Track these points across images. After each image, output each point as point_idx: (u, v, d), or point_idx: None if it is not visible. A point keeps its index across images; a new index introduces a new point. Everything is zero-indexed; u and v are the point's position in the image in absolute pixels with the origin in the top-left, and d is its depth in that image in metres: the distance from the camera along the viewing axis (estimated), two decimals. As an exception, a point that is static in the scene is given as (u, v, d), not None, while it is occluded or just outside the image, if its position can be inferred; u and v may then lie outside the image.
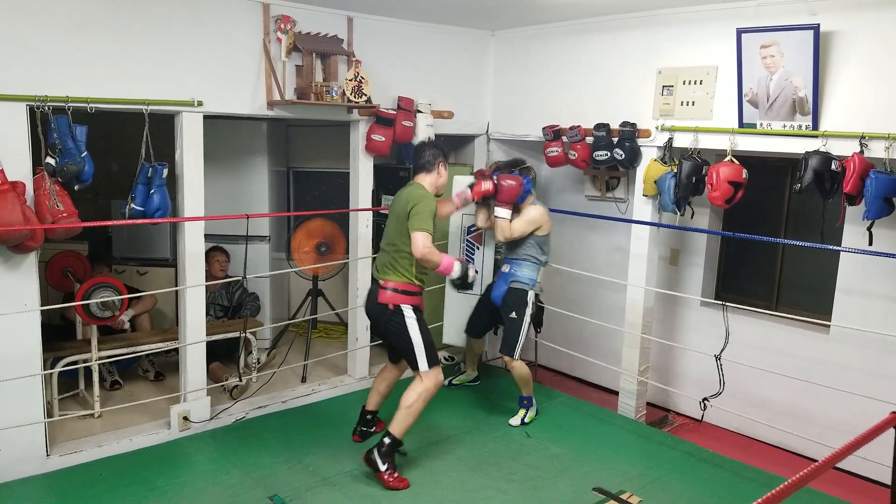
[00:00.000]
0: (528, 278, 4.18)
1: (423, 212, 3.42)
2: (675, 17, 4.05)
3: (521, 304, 4.14)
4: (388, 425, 3.52)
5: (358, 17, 4.42)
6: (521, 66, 5.04)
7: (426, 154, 3.65)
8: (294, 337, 5.35)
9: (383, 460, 3.44)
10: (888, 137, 3.23)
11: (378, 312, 3.56)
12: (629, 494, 3.42)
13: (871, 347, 3.77)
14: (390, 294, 3.50)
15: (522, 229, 4.15)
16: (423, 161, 3.65)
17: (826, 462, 1.04)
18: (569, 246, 5.31)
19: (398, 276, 3.51)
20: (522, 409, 4.27)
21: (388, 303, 3.50)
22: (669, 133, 4.11)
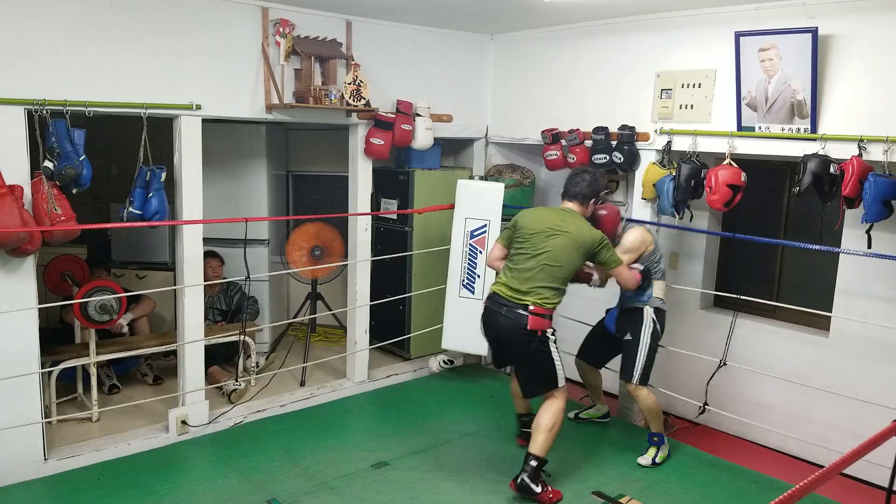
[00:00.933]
0: (638, 296, 3.77)
1: (609, 244, 3.41)
2: (674, 20, 4.06)
3: (638, 323, 3.76)
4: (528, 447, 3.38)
5: (356, 21, 4.42)
6: (520, 69, 5.05)
7: (587, 186, 3.49)
8: (293, 340, 5.34)
9: (535, 482, 3.30)
10: (887, 140, 3.24)
11: (524, 339, 3.29)
12: (628, 498, 3.41)
13: (870, 350, 3.76)
14: (539, 320, 3.29)
15: (630, 261, 3.70)
16: (581, 191, 3.50)
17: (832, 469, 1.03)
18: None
19: (544, 300, 3.31)
20: (653, 448, 3.79)
21: (538, 329, 3.29)
22: (668, 136, 4.11)
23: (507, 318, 3.32)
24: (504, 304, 3.34)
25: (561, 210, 3.52)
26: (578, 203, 3.49)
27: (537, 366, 3.36)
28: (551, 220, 3.41)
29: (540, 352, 3.31)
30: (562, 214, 3.46)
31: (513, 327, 3.31)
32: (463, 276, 4.74)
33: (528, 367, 3.40)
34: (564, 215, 3.45)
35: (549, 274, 3.31)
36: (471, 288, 4.70)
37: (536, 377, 3.41)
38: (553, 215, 3.47)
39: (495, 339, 3.45)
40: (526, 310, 3.28)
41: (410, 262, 5.07)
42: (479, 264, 4.69)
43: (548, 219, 3.43)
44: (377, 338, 5.02)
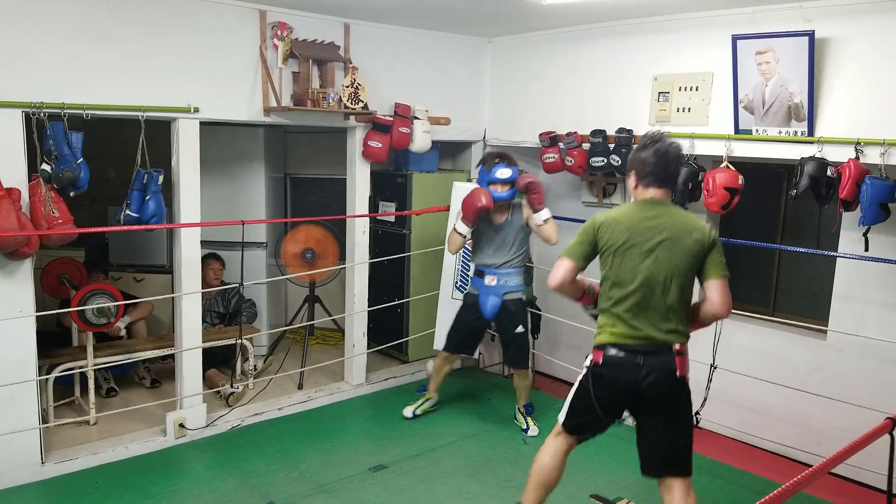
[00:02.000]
0: (518, 286, 4.07)
1: (723, 251, 2.53)
2: (671, 23, 4.07)
3: (524, 314, 4.06)
4: None
5: (354, 24, 4.43)
6: (517, 72, 5.05)
7: (678, 164, 2.61)
8: (291, 343, 5.34)
9: None
10: (884, 143, 3.24)
11: (676, 390, 2.50)
12: (626, 501, 3.41)
13: (868, 354, 3.76)
14: (687, 361, 2.51)
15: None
16: (673, 172, 2.61)
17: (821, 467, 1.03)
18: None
19: (682, 333, 2.53)
20: (530, 417, 4.27)
21: (686, 373, 2.52)
22: (666, 139, 4.11)
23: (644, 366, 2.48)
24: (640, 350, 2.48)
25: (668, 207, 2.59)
26: (669, 191, 2.61)
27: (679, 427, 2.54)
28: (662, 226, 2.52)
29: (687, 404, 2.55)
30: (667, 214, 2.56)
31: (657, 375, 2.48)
32: (456, 277, 4.74)
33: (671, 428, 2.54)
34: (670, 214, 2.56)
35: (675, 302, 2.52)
36: (463, 289, 4.70)
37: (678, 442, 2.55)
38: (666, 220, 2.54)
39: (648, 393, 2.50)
40: (673, 350, 2.49)
41: (408, 264, 5.07)
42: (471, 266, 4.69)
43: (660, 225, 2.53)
44: (375, 340, 5.02)
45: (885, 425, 1.29)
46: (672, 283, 2.47)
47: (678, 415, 2.53)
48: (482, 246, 4.05)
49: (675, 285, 2.47)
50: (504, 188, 3.97)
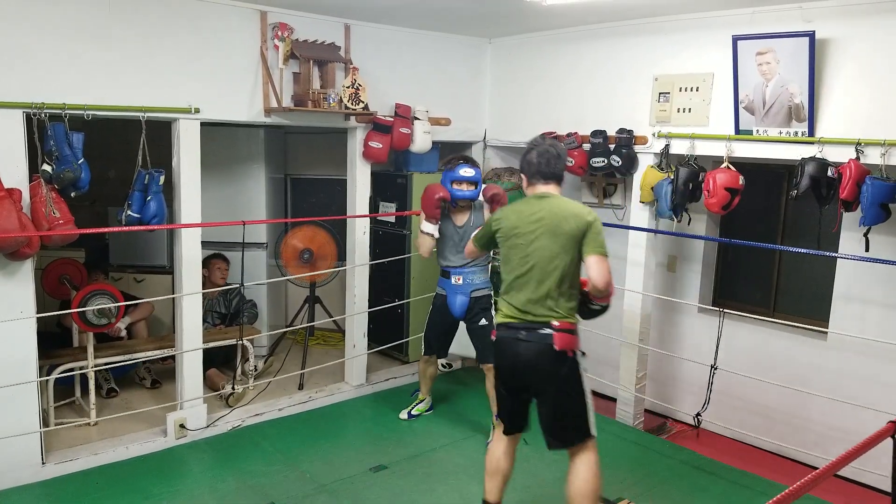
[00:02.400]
0: (484, 282, 4.06)
1: (601, 230, 2.70)
2: (671, 24, 4.07)
3: (488, 308, 4.02)
4: None
5: (355, 25, 4.43)
6: (518, 73, 5.06)
7: (559, 162, 2.83)
8: (291, 344, 5.33)
9: None
10: (884, 144, 3.24)
11: (553, 364, 2.69)
12: (627, 502, 3.41)
13: (868, 354, 3.76)
14: (568, 337, 2.69)
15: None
16: (556, 170, 2.82)
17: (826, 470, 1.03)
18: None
19: (567, 313, 2.74)
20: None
21: (568, 349, 2.69)
22: (666, 140, 4.12)
23: (524, 342, 2.73)
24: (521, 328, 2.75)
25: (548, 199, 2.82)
26: (557, 184, 2.86)
27: (563, 398, 2.74)
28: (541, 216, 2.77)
29: (573, 377, 2.73)
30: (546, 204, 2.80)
31: (534, 351, 2.71)
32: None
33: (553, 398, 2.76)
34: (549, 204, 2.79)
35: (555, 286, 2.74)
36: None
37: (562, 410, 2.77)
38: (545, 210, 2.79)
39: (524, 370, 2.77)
40: (552, 327, 2.70)
41: (409, 265, 5.07)
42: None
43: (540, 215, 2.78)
44: (375, 341, 5.01)
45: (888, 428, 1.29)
46: (554, 267, 2.71)
47: (561, 388, 2.73)
48: (447, 247, 4.04)
49: (557, 268, 2.71)
50: (468, 187, 3.95)
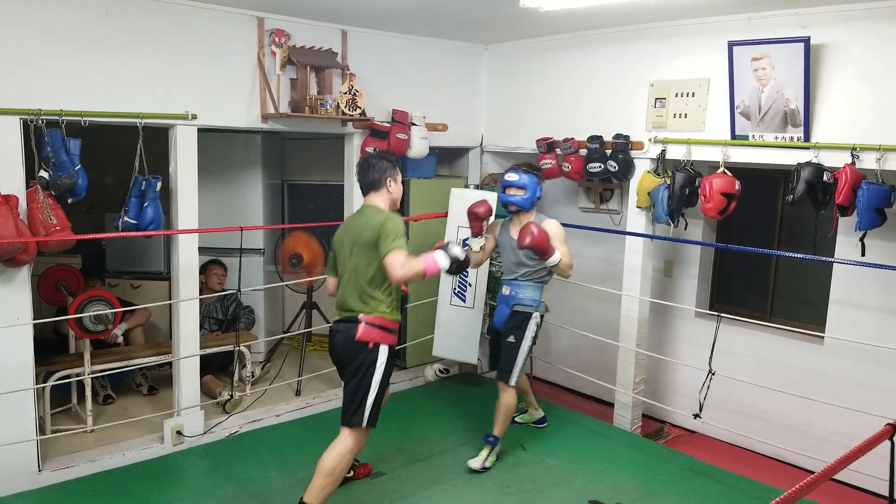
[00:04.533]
0: (531, 300, 3.79)
1: (392, 229, 2.96)
2: (667, 30, 4.09)
3: (522, 327, 3.76)
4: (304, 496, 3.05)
5: (352, 31, 4.44)
6: (514, 78, 5.07)
7: (371, 171, 3.16)
8: (288, 350, 5.32)
9: None
10: (879, 149, 3.26)
11: (355, 351, 3.06)
12: (625, 507, 3.41)
13: (865, 359, 3.77)
14: (368, 330, 3.05)
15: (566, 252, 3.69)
16: (368, 179, 3.17)
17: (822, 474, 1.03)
18: (563, 257, 5.32)
19: (373, 307, 3.08)
20: (486, 449, 3.80)
21: (370, 341, 3.05)
22: (662, 145, 4.13)
23: (339, 332, 3.13)
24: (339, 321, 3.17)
25: (354, 217, 3.26)
26: (375, 191, 3.17)
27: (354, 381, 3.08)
28: (342, 234, 3.21)
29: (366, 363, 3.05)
30: (349, 223, 3.25)
31: (343, 339, 3.11)
32: (455, 284, 4.75)
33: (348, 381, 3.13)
34: (351, 222, 3.23)
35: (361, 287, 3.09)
36: (462, 296, 4.71)
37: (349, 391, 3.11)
38: (345, 228, 3.24)
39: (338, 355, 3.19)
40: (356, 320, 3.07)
41: (406, 270, 5.06)
42: (470, 273, 4.70)
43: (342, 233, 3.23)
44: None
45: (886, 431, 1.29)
46: (362, 269, 3.07)
47: (356, 372, 3.07)
48: (504, 258, 3.95)
49: (364, 270, 3.07)
50: (515, 192, 3.75)
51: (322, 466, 3.05)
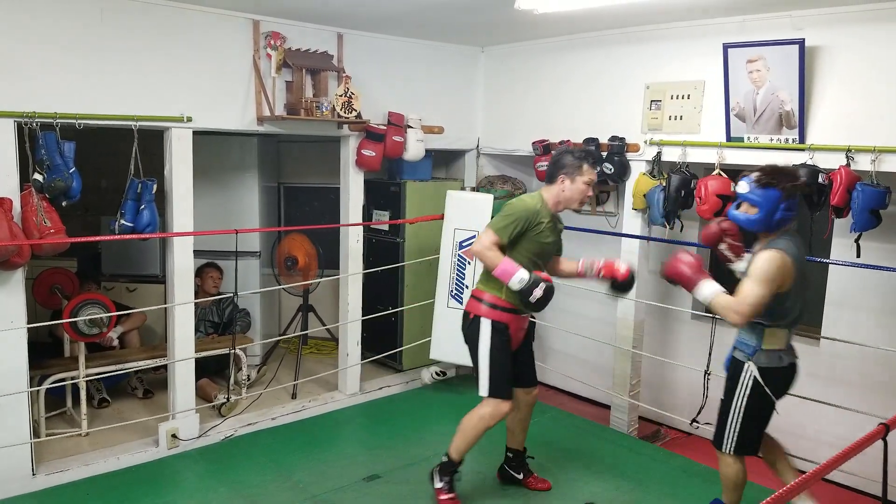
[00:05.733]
0: (744, 343, 2.89)
1: (505, 213, 3.12)
2: (663, 32, 4.09)
3: (733, 379, 2.89)
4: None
5: (348, 34, 4.44)
6: (510, 81, 5.08)
7: (552, 164, 3.23)
8: (284, 353, 5.31)
9: (439, 478, 3.35)
10: (874, 150, 3.26)
11: (464, 319, 3.30)
12: (621, 509, 3.41)
13: (860, 359, 3.77)
14: (472, 302, 3.25)
15: (757, 294, 2.68)
16: (548, 171, 3.25)
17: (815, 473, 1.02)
18: (560, 260, 5.32)
19: (484, 286, 3.23)
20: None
21: (471, 311, 3.24)
22: (658, 147, 4.14)
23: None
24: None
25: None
26: (548, 184, 3.24)
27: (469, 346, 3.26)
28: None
29: (469, 332, 3.24)
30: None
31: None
32: (451, 286, 4.74)
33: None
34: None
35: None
36: (459, 298, 4.70)
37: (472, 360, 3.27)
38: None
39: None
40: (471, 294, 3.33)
41: (403, 273, 5.07)
42: (467, 275, 4.69)
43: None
44: (369, 349, 5.00)
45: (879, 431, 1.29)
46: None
47: (467, 341, 3.27)
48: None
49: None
50: (745, 210, 2.84)
51: (461, 422, 3.31)
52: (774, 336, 2.82)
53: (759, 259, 2.74)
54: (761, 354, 2.83)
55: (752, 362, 2.84)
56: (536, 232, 3.13)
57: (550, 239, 3.21)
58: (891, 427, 1.31)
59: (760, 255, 2.75)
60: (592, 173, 3.18)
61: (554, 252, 3.36)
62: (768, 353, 2.83)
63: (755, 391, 2.84)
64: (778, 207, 2.74)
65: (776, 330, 2.82)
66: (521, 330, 3.30)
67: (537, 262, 3.19)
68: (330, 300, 5.42)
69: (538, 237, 3.15)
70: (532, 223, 3.11)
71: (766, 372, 2.82)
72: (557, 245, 3.37)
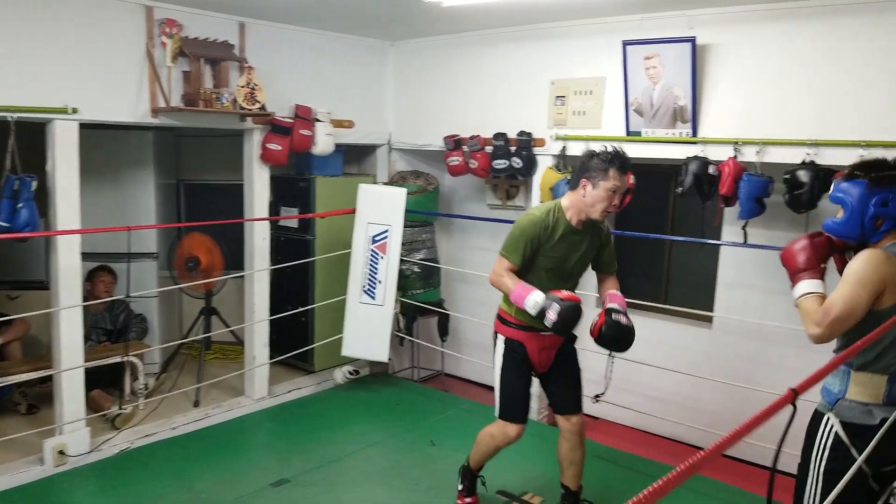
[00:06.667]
0: (827, 390, 2.22)
1: (510, 233, 2.83)
2: (566, 30, 4.19)
3: (811, 437, 2.21)
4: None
5: (251, 23, 4.28)
6: (421, 76, 5.06)
7: (576, 168, 2.88)
8: (186, 359, 5.04)
9: (461, 481, 3.30)
10: (758, 142, 3.46)
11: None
12: (531, 495, 3.44)
13: (750, 337, 4.00)
14: (495, 319, 3.04)
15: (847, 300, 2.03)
16: (572, 176, 2.90)
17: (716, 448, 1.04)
18: (471, 253, 5.35)
19: (503, 302, 3.00)
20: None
21: (495, 328, 3.03)
22: (563, 142, 4.23)
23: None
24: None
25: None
26: (572, 189, 2.85)
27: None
28: None
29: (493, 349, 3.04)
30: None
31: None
32: (364, 281, 4.66)
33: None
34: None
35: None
36: (372, 294, 4.63)
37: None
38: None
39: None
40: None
41: (313, 271, 4.93)
42: (380, 270, 4.63)
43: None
44: (279, 352, 4.82)
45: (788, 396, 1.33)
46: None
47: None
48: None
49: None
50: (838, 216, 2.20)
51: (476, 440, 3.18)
52: (865, 385, 2.12)
53: (854, 259, 2.11)
54: (843, 404, 2.15)
55: (832, 414, 2.16)
56: (549, 246, 2.80)
57: (570, 253, 2.85)
58: (799, 392, 1.36)
59: (856, 256, 2.12)
60: (620, 179, 2.73)
61: (581, 267, 2.97)
62: (853, 405, 2.13)
63: (838, 456, 2.12)
64: (869, 203, 2.09)
65: (868, 376, 2.11)
66: (544, 350, 2.96)
67: (557, 281, 2.84)
68: (236, 302, 5.19)
69: (552, 252, 2.81)
70: (543, 237, 2.78)
71: (851, 429, 2.12)
72: (585, 259, 2.95)
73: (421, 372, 5.46)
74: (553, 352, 3.01)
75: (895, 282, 2.01)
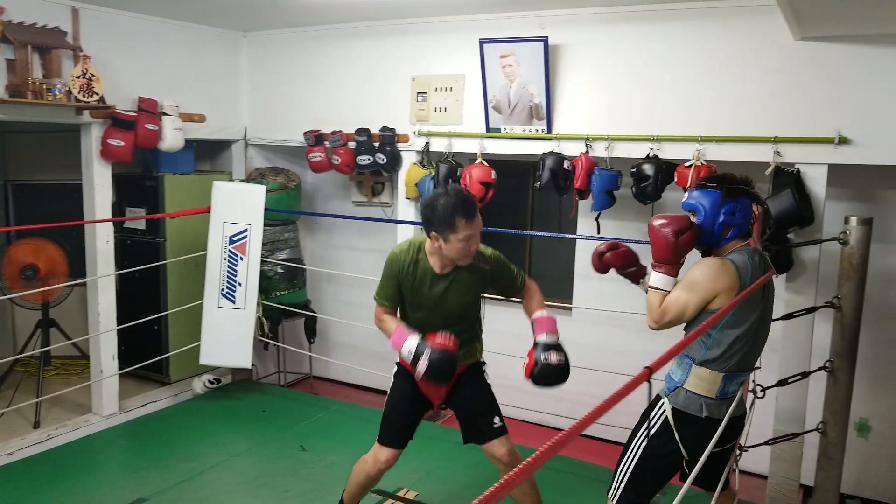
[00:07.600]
0: (668, 377, 2.43)
1: (382, 275, 2.69)
2: (426, 26, 4.23)
3: (644, 415, 2.45)
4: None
5: (85, 9, 3.92)
6: (277, 68, 4.89)
7: (421, 215, 2.59)
8: (22, 376, 4.52)
9: None
10: (608, 138, 3.70)
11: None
12: (405, 490, 3.45)
13: (606, 324, 4.27)
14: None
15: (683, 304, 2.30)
16: (422, 219, 2.58)
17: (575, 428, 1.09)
18: (337, 252, 5.27)
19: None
20: None
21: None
22: (426, 138, 4.27)
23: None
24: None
25: None
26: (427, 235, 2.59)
27: None
28: None
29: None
30: None
31: None
32: (222, 284, 4.44)
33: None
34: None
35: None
36: (231, 297, 4.42)
37: None
38: None
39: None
40: None
41: (165, 275, 4.61)
42: (239, 272, 4.43)
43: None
44: (129, 363, 4.46)
45: (644, 374, 1.42)
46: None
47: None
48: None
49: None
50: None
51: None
52: (702, 379, 2.31)
53: (694, 267, 2.32)
54: (681, 393, 2.34)
55: (666, 399, 2.37)
56: (412, 287, 2.62)
57: (445, 293, 2.62)
58: (654, 370, 1.46)
59: (697, 264, 2.34)
60: (470, 226, 2.45)
61: (467, 306, 2.72)
62: (689, 396, 2.33)
63: (663, 435, 2.35)
64: (720, 211, 2.31)
65: (707, 371, 2.30)
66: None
67: (441, 320, 2.63)
68: (78, 312, 4.74)
69: (419, 293, 2.62)
70: (401, 277, 2.62)
71: (680, 415, 2.33)
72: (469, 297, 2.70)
73: (288, 376, 5.30)
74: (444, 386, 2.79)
75: (727, 288, 2.25)
